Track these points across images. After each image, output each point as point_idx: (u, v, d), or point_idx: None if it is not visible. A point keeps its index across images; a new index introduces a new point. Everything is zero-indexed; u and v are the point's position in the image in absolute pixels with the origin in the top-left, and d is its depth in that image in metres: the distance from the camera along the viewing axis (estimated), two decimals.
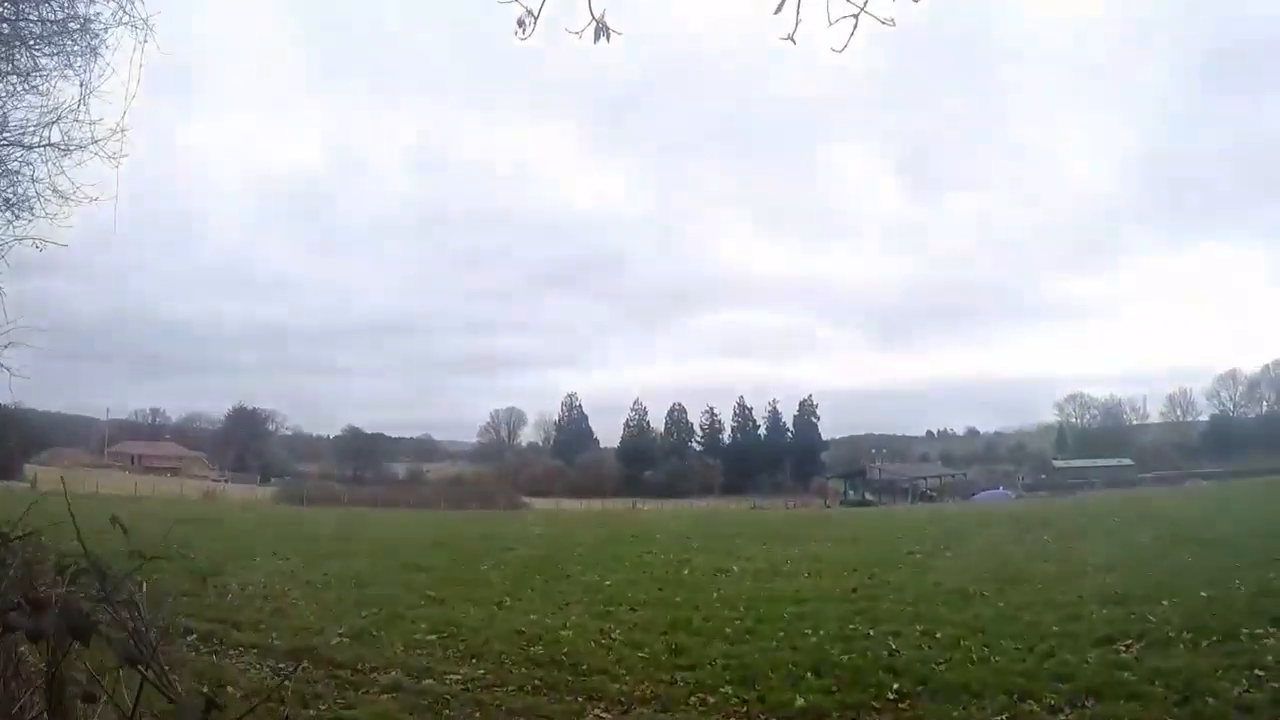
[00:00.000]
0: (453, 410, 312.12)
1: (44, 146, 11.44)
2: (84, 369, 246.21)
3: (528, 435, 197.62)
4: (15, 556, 3.75)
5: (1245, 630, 10.47)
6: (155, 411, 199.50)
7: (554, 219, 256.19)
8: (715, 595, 16.27)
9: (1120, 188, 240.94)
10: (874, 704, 9.25)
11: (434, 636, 12.70)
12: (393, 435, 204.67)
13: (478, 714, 9.42)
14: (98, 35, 11.12)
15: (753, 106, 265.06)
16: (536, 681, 10.10)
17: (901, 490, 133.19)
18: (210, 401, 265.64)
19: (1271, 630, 10.41)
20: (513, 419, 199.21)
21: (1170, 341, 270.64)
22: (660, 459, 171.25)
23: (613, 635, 12.36)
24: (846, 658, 10.33)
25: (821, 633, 11.92)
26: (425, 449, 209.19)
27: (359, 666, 10.99)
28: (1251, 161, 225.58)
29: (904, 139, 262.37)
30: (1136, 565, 17.71)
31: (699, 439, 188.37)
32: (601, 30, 6.02)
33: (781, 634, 11.98)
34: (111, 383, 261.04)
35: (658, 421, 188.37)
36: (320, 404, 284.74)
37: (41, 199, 11.64)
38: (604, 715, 9.43)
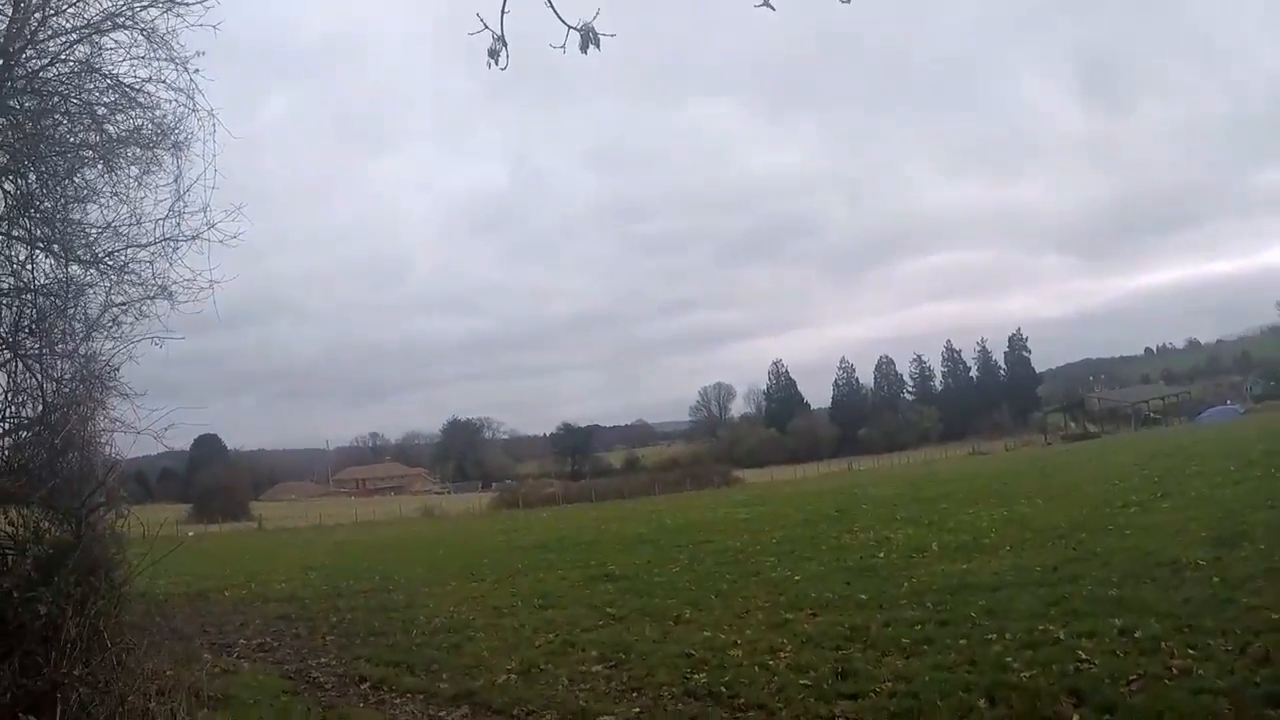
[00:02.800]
0: (663, 392, 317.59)
1: (158, 243, 11.70)
2: (307, 405, 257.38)
3: (739, 408, 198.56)
4: None
5: None
6: (374, 435, 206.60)
7: (740, 192, 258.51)
8: (906, 586, 15.22)
9: None
10: None
11: (600, 667, 11.97)
12: (606, 425, 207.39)
13: None
14: (174, 130, 11.75)
15: (922, 51, 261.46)
16: None
17: (1124, 417, 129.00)
18: (426, 418, 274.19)
19: None
20: (722, 394, 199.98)
21: None
22: (872, 415, 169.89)
23: (782, 654, 11.46)
24: (1028, 675, 9.12)
25: (1008, 637, 10.72)
26: (639, 434, 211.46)
27: (515, 711, 10.32)
28: None
29: (1081, 53, 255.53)
30: None
31: (910, 389, 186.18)
32: (589, 40, 5.22)
33: (963, 641, 10.86)
34: (334, 413, 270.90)
35: (866, 377, 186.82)
36: (533, 405, 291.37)
37: (159, 296, 11.74)
38: None
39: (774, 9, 4.94)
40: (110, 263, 11.45)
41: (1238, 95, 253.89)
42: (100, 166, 11.46)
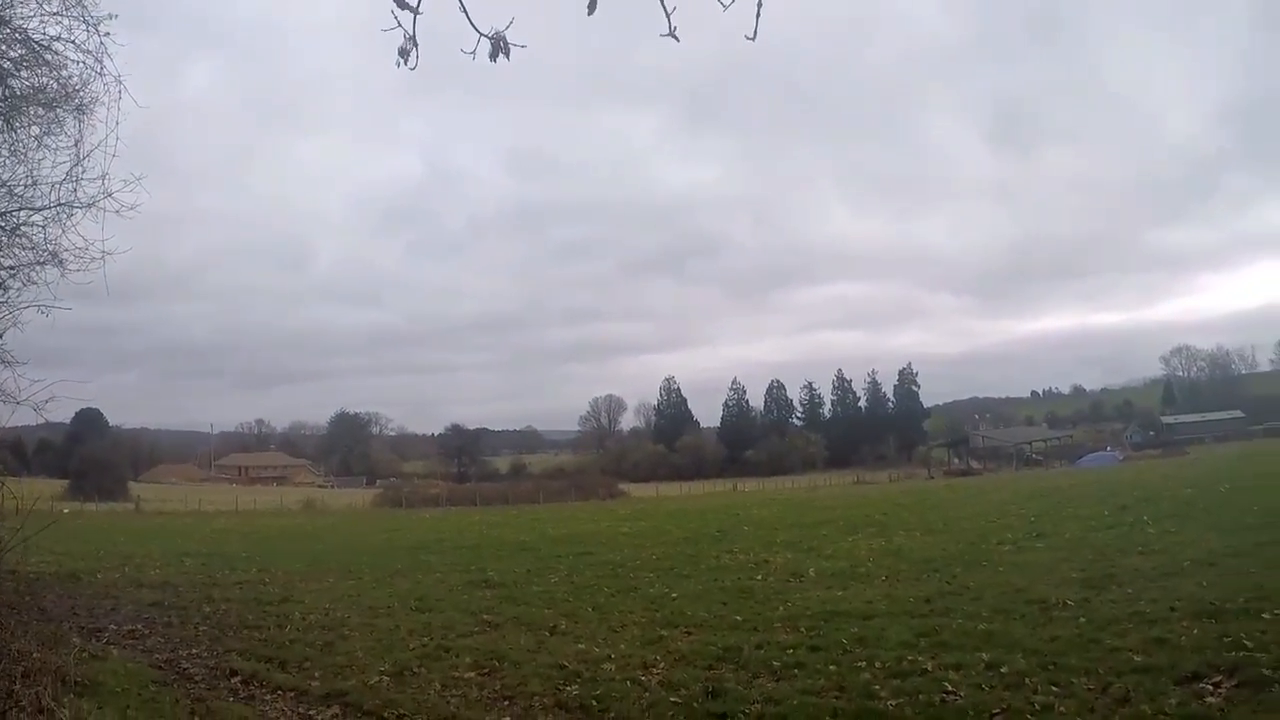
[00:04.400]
0: (556, 400, 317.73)
1: (53, 208, 11.38)
2: (195, 386, 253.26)
3: (629, 421, 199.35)
4: None
5: None
6: (261, 423, 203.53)
7: (649, 207, 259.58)
8: (781, 610, 15.35)
9: (1215, 137, 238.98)
10: None
11: (473, 673, 11.90)
12: (496, 429, 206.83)
13: None
14: (78, 93, 11.32)
15: (837, 83, 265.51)
16: None
17: (1006, 456, 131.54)
18: (315, 409, 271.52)
19: None
20: (612, 406, 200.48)
21: (1277, 287, 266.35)
22: (760, 437, 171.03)
23: (654, 670, 11.52)
24: (894, 704, 9.26)
25: (877, 665, 10.89)
26: (528, 441, 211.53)
27: (386, 714, 10.23)
28: None
29: (993, 101, 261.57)
30: (1238, 558, 16.47)
31: (799, 415, 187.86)
32: (499, 48, 5.26)
33: (833, 667, 11.00)
34: (222, 396, 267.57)
35: (757, 400, 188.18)
36: (424, 403, 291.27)
37: (49, 262, 11.45)
38: None
39: (678, 40, 5.01)
40: (2, 224, 11.20)
41: (1142, 158, 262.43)
42: (0, 123, 11.18)
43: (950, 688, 9.75)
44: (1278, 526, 19.60)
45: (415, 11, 4.87)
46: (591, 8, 4.72)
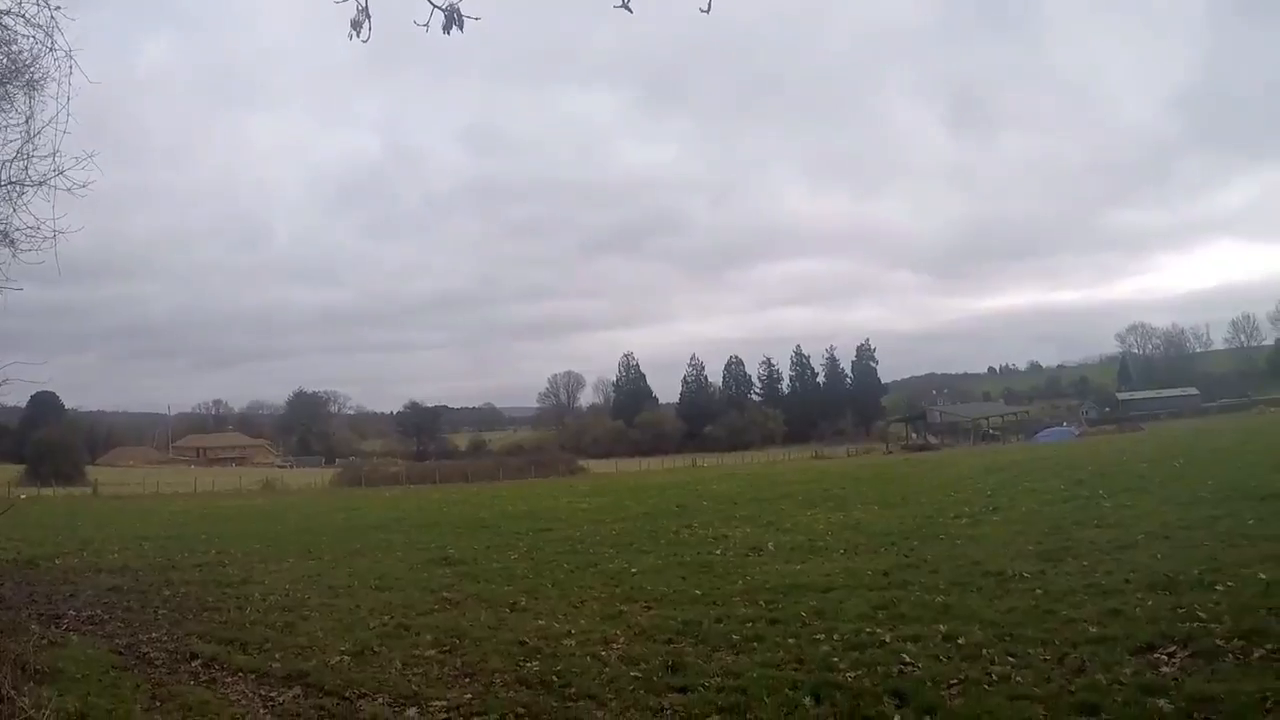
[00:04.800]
0: (515, 377, 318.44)
1: (3, 186, 11.30)
2: (152, 367, 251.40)
3: (588, 397, 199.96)
4: None
5: None
6: (218, 403, 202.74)
7: (611, 185, 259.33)
8: (740, 583, 15.41)
9: (1169, 121, 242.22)
10: None
11: (434, 651, 11.85)
12: (454, 406, 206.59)
13: None
14: (28, 68, 11.10)
15: (799, 64, 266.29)
16: (520, 710, 9.28)
17: (964, 431, 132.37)
18: (273, 388, 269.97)
19: None
20: (571, 382, 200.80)
21: (1230, 268, 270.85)
22: (719, 413, 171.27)
23: (614, 646, 11.51)
24: (852, 675, 9.29)
25: (835, 638, 10.93)
26: (487, 418, 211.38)
27: (347, 693, 10.18)
28: None
29: (951, 84, 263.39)
30: (1191, 530, 16.66)
31: (758, 391, 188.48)
32: (453, 20, 5.24)
33: (792, 640, 11.03)
34: (180, 377, 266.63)
35: (716, 376, 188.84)
36: (383, 381, 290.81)
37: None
38: None
39: (630, 11, 5.01)
40: None
41: (1097, 141, 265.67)
42: None
43: (908, 659, 9.79)
44: (1231, 501, 19.81)
45: None
46: None
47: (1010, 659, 9.54)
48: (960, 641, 10.33)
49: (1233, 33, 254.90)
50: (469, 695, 9.79)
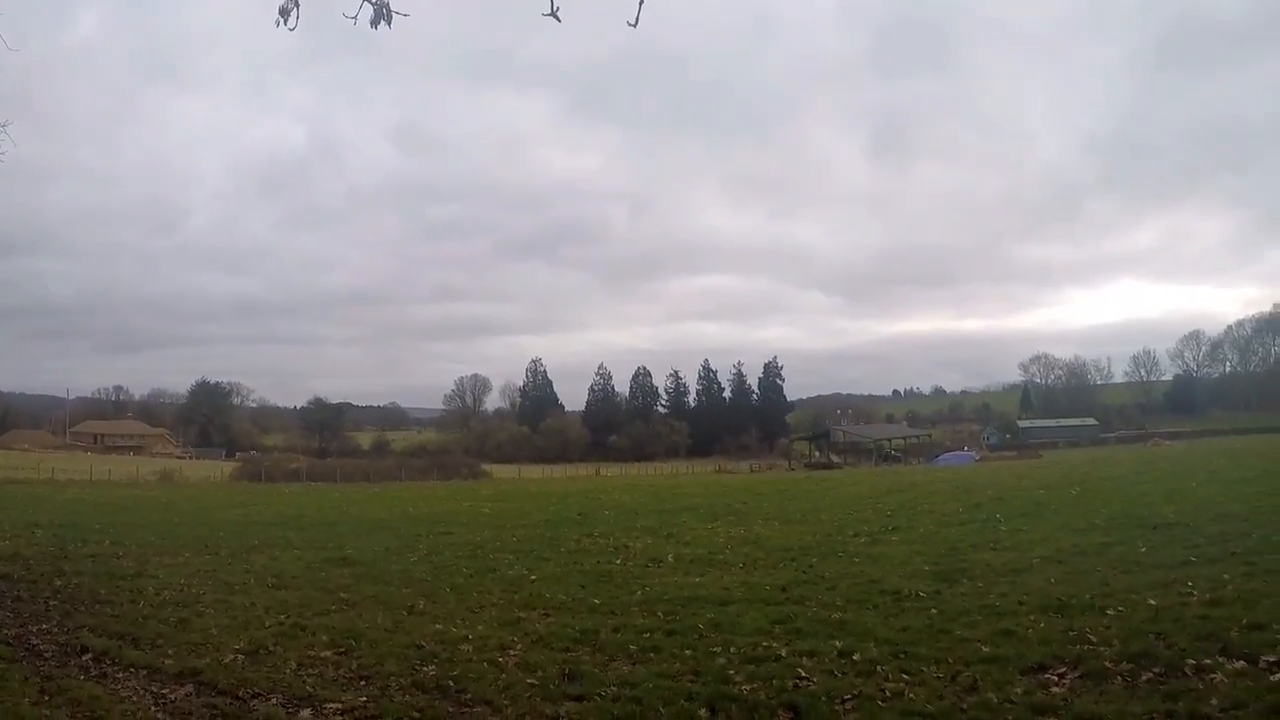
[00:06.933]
0: (422, 377, 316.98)
1: None
2: (54, 348, 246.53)
3: (494, 401, 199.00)
4: None
5: (1191, 660, 9.20)
6: (119, 389, 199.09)
7: (530, 191, 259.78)
8: (639, 594, 15.46)
9: (1083, 161, 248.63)
10: None
11: (330, 652, 11.74)
12: (359, 404, 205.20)
13: None
14: None
15: (729, 85, 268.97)
16: (416, 714, 9.23)
17: (866, 451, 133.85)
18: (176, 377, 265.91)
19: (1220, 660, 9.17)
20: (478, 386, 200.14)
21: (1134, 305, 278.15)
22: (625, 423, 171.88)
23: (512, 652, 11.50)
24: (749, 688, 9.36)
25: (732, 651, 11.00)
26: (392, 417, 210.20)
27: (240, 692, 10.06)
28: (1205, 137, 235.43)
29: (874, 114, 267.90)
30: (1085, 556, 16.97)
31: (664, 403, 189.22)
32: (381, 15, 5.26)
33: (689, 651, 11.10)
34: (81, 360, 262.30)
35: (623, 386, 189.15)
36: (288, 375, 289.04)
37: None
38: None
39: (559, 20, 5.06)
40: None
41: (1012, 177, 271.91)
42: None
43: (804, 674, 9.85)
44: (1124, 529, 20.19)
45: None
46: None
47: (904, 676, 9.63)
48: (856, 657, 10.42)
49: (1149, 82, 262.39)
50: (364, 698, 9.70)
